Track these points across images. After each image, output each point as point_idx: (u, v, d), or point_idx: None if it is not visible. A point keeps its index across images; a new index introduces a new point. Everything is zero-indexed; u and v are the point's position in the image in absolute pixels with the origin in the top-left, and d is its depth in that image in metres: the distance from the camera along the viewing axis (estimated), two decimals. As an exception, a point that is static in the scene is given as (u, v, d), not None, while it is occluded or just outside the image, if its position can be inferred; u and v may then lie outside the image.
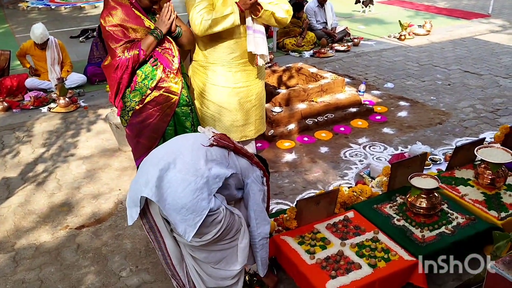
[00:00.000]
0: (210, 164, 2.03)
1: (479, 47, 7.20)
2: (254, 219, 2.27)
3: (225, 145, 2.16)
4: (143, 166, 2.08)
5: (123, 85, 2.60)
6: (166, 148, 2.14)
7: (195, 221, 1.92)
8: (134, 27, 2.54)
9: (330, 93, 4.80)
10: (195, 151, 2.05)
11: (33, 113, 5.13)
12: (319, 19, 7.64)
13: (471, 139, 4.15)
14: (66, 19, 10.78)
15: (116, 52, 2.52)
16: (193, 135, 2.27)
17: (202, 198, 1.94)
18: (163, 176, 1.95)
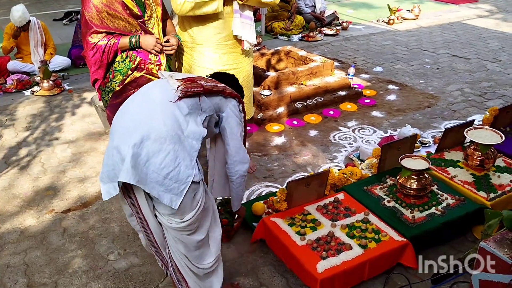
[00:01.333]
0: (184, 123, 1.89)
1: (467, 32, 7.20)
2: (232, 156, 2.18)
3: (194, 92, 1.95)
4: (114, 139, 1.88)
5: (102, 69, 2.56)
6: (133, 117, 1.90)
7: (180, 189, 1.82)
8: (115, 13, 2.48)
9: (319, 76, 4.76)
10: (165, 113, 1.87)
11: (16, 97, 5.00)
12: (307, 3, 7.56)
13: (460, 122, 4.16)
14: (49, 2, 10.51)
15: (88, 39, 2.51)
16: (157, 91, 1.98)
17: (185, 165, 1.83)
18: (138, 152, 1.78)
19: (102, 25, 2.47)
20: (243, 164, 2.20)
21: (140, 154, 1.78)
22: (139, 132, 1.80)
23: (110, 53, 2.51)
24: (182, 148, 1.84)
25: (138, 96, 2.01)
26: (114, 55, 2.56)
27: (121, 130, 1.88)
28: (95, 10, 2.45)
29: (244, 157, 2.21)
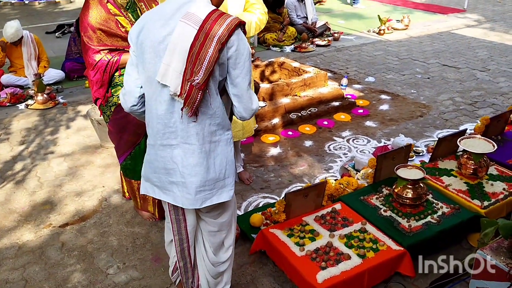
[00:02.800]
0: (203, 121, 1.80)
1: (456, 41, 7.33)
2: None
3: (200, 99, 1.73)
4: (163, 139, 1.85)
5: (104, 86, 2.58)
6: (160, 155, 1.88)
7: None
8: (109, 30, 2.51)
9: (313, 87, 4.82)
10: (186, 128, 1.79)
11: (10, 110, 4.99)
12: (299, 14, 7.65)
13: (452, 131, 4.23)
14: (41, 14, 10.51)
15: (89, 59, 2.53)
16: (159, 114, 1.82)
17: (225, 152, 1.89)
18: (184, 182, 1.84)
19: (100, 44, 2.50)
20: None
21: (187, 185, 1.85)
22: (171, 165, 1.87)
23: (112, 71, 2.54)
24: (213, 143, 1.87)
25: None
26: (115, 72, 2.58)
27: (159, 165, 1.92)
28: (90, 30, 2.48)
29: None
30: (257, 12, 3.03)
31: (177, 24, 1.69)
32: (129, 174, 2.85)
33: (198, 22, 1.67)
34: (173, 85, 1.70)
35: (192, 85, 1.68)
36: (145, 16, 1.82)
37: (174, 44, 1.68)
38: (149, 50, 1.74)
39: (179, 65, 1.69)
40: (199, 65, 1.66)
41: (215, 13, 1.70)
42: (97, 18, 2.46)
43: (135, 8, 2.63)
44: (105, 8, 2.49)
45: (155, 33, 1.73)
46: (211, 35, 1.65)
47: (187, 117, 1.75)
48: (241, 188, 3.40)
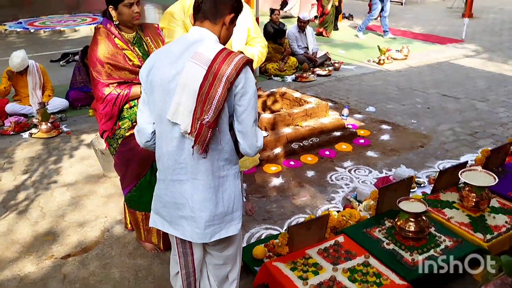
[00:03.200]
0: (213, 157, 1.85)
1: (455, 71, 7.44)
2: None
3: (210, 136, 1.79)
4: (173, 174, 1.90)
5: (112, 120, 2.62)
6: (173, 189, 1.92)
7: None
8: (118, 64, 2.57)
9: (315, 118, 4.87)
10: (198, 164, 1.84)
11: (14, 139, 5.03)
12: (300, 44, 7.80)
13: (453, 162, 4.26)
14: (46, 43, 10.69)
15: (98, 93, 2.57)
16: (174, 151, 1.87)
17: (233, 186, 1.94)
18: (194, 216, 1.88)
19: (109, 78, 2.55)
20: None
21: (196, 219, 1.89)
22: (183, 200, 1.92)
23: (121, 104, 2.58)
24: (221, 182, 1.92)
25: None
26: (125, 104, 2.63)
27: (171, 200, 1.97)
28: (99, 64, 2.53)
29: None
30: (258, 46, 3.12)
31: (186, 63, 1.75)
32: (134, 205, 2.87)
33: (206, 62, 1.73)
34: (183, 123, 1.76)
35: (203, 124, 1.73)
36: (154, 55, 1.88)
37: (184, 84, 1.74)
38: (159, 88, 1.80)
39: (189, 104, 1.74)
40: (209, 104, 1.72)
41: (223, 53, 1.76)
42: (105, 53, 2.52)
43: (141, 43, 2.70)
44: (112, 42, 2.55)
45: (165, 72, 1.79)
46: (220, 75, 1.71)
47: (197, 153, 1.80)
48: (243, 219, 3.35)
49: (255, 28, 3.13)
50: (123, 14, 2.53)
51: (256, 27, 3.15)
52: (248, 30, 3.08)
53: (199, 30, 1.83)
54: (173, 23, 2.85)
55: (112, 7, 2.52)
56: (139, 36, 2.69)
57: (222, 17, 1.84)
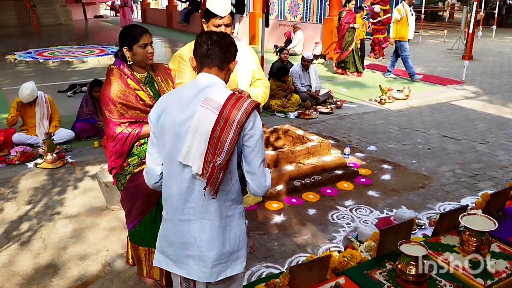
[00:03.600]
0: (221, 198, 1.92)
1: (455, 113, 7.55)
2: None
3: (222, 178, 1.87)
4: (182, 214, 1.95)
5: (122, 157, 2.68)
6: (179, 232, 1.97)
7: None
8: (129, 104, 2.65)
9: (317, 155, 4.94)
10: (207, 213, 1.91)
11: (19, 169, 5.09)
12: (303, 82, 7.96)
13: (453, 204, 4.30)
14: (54, 73, 10.92)
15: (109, 132, 2.64)
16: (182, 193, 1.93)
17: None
18: (201, 256, 1.93)
19: (121, 117, 2.63)
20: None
21: (205, 259, 1.94)
22: (191, 240, 1.97)
23: (132, 143, 2.65)
24: (228, 221, 1.99)
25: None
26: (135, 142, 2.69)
27: (177, 239, 2.01)
28: (111, 104, 2.62)
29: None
30: (261, 86, 3.23)
31: (197, 108, 1.84)
32: (137, 240, 2.89)
33: (217, 107, 1.83)
34: (195, 166, 1.84)
35: (215, 166, 1.81)
36: (165, 100, 1.96)
37: (195, 128, 1.83)
38: (170, 132, 1.88)
39: (200, 147, 1.82)
40: (221, 148, 1.80)
41: (233, 98, 1.86)
42: (117, 93, 2.61)
43: (152, 83, 2.80)
44: (125, 83, 2.65)
45: (176, 117, 1.87)
46: (231, 119, 1.81)
47: (209, 194, 1.87)
48: (244, 257, 3.40)
49: (259, 70, 3.26)
50: (138, 55, 2.63)
51: (260, 69, 3.28)
52: (253, 72, 3.20)
53: (208, 76, 1.94)
54: (182, 65, 2.96)
55: (126, 48, 2.63)
56: (150, 76, 2.79)
57: (228, 64, 1.97)
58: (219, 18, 2.84)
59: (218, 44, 1.93)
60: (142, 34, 2.62)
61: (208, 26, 2.91)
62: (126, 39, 2.64)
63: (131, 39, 2.62)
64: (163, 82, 2.83)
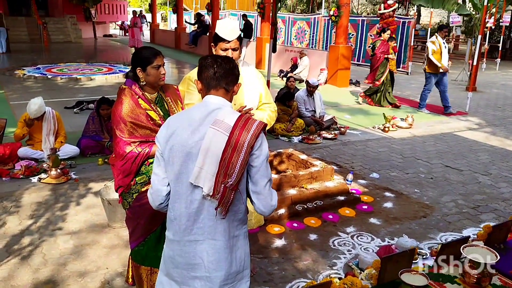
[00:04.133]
0: (230, 221, 1.99)
1: (458, 143, 7.58)
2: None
3: (233, 198, 1.92)
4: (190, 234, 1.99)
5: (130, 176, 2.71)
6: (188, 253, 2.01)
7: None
8: (140, 123, 2.69)
9: (320, 181, 4.96)
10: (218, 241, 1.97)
11: (23, 183, 5.12)
12: (308, 107, 8.04)
13: (455, 235, 4.29)
14: (62, 89, 11.05)
15: (119, 150, 2.68)
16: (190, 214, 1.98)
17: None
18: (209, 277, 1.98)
19: (131, 136, 2.67)
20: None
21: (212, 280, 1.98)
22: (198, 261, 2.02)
23: (141, 162, 2.68)
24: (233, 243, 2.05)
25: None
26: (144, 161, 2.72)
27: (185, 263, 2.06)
28: (122, 123, 2.66)
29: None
30: (268, 110, 3.28)
31: (207, 130, 1.89)
32: (139, 260, 2.89)
33: (227, 129, 1.88)
34: (206, 187, 1.88)
35: (226, 187, 1.86)
36: (174, 122, 2.01)
37: (206, 149, 1.87)
38: (180, 154, 1.92)
39: (211, 168, 1.87)
40: (232, 169, 1.85)
41: (242, 120, 1.92)
42: (128, 112, 2.66)
43: (162, 103, 2.85)
44: (136, 102, 2.70)
45: (186, 139, 1.92)
46: (241, 141, 1.87)
47: (220, 214, 1.92)
48: (244, 280, 3.39)
49: (267, 94, 3.31)
50: (151, 75, 2.69)
51: (268, 93, 3.33)
52: (260, 95, 3.26)
53: (216, 98, 2.01)
54: (191, 86, 3.02)
55: (140, 69, 2.69)
56: (160, 97, 2.85)
57: (233, 86, 2.06)
58: (226, 42, 2.93)
59: (224, 67, 2.01)
60: (156, 56, 2.70)
61: (216, 50, 2.99)
62: (140, 60, 2.70)
63: (145, 60, 2.68)
64: (173, 102, 2.89)
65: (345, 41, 12.65)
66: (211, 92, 2.02)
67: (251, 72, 3.28)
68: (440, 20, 31.77)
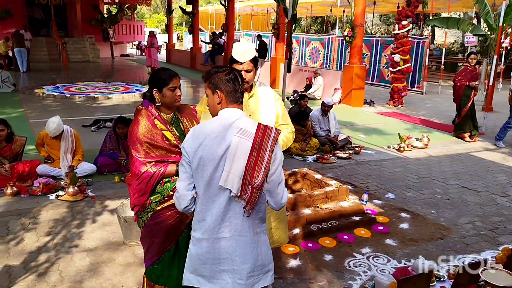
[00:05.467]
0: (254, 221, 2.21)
1: (475, 164, 7.50)
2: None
3: (258, 197, 2.17)
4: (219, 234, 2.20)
5: (146, 195, 2.75)
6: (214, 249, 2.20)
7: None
8: (155, 143, 2.73)
9: (335, 201, 4.94)
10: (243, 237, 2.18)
11: (41, 200, 5.20)
12: (322, 127, 8.05)
13: (473, 257, 4.21)
14: (80, 108, 11.25)
15: (138, 166, 2.72)
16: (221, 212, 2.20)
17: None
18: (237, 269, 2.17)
19: (146, 156, 2.71)
20: None
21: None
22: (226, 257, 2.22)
23: (156, 182, 2.72)
24: (257, 239, 2.28)
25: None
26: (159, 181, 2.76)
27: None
28: (138, 143, 2.70)
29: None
30: (285, 131, 3.29)
31: (232, 138, 2.11)
32: (154, 278, 2.90)
33: (250, 136, 2.14)
34: (234, 188, 2.11)
35: (254, 187, 2.10)
36: (201, 133, 2.20)
37: (233, 155, 2.10)
38: (211, 163, 2.14)
39: (238, 171, 2.11)
40: (258, 170, 2.10)
41: (261, 127, 2.19)
42: (144, 133, 2.71)
43: (178, 123, 2.90)
44: (152, 123, 2.75)
45: (215, 148, 2.14)
46: (264, 145, 2.13)
47: (243, 213, 2.16)
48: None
49: (284, 115, 3.33)
50: (167, 97, 2.75)
51: (285, 114, 3.36)
52: (277, 116, 3.29)
53: (234, 110, 2.24)
54: None
55: (156, 90, 2.75)
56: (176, 117, 2.90)
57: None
58: (239, 64, 3.00)
59: (240, 83, 2.30)
60: (172, 78, 2.76)
61: None
62: (156, 82, 2.77)
63: (161, 82, 2.75)
64: (188, 122, 2.94)
65: (359, 61, 12.71)
66: (233, 105, 2.25)
67: (268, 93, 3.32)
68: (455, 40, 31.72)
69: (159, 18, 47.97)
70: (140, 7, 35.14)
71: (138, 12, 44.35)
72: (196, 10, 22.56)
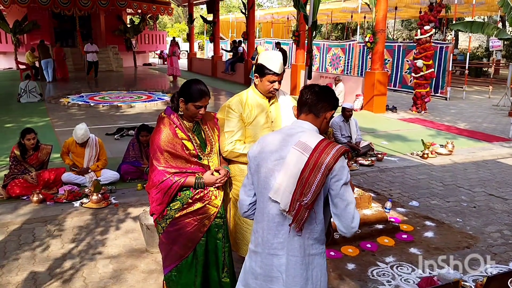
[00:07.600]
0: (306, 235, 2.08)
1: (502, 171, 7.31)
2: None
3: (307, 216, 2.02)
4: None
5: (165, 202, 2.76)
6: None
7: None
8: (175, 152, 2.75)
9: (357, 208, 4.85)
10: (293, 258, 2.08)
11: (66, 207, 5.29)
12: (343, 133, 7.98)
13: (501, 267, 4.10)
14: (103, 116, 11.44)
15: (157, 175, 2.74)
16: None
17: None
18: None
19: (166, 165, 2.72)
20: None
21: None
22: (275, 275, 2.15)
23: (173, 193, 2.73)
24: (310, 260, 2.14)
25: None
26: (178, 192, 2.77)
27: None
28: (159, 152, 2.73)
29: None
30: None
31: (290, 150, 2.02)
32: (172, 285, 2.91)
33: (308, 150, 2.01)
34: (283, 202, 2.00)
35: (301, 205, 1.96)
36: (264, 140, 2.18)
37: (287, 168, 2.00)
38: (265, 170, 2.09)
39: (289, 186, 1.99)
40: (308, 188, 1.96)
41: (323, 143, 2.04)
42: (165, 141, 2.73)
43: (200, 131, 2.91)
44: (173, 132, 2.77)
45: (271, 157, 2.08)
46: (320, 162, 1.97)
47: (294, 231, 2.02)
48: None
49: None
50: (189, 111, 2.77)
51: None
52: None
53: (303, 122, 2.16)
54: (230, 114, 3.08)
55: (183, 100, 2.76)
56: (198, 125, 2.92)
57: (324, 112, 2.18)
58: (276, 75, 2.98)
59: (317, 94, 2.16)
60: (202, 97, 2.76)
61: (262, 81, 3.05)
62: (186, 93, 2.76)
63: (190, 96, 2.74)
64: (210, 130, 2.95)
65: (381, 67, 12.58)
66: (301, 116, 2.18)
67: (288, 101, 3.32)
68: (479, 45, 31.16)
69: (181, 28, 48.61)
70: (162, 17, 35.63)
71: (160, 22, 45.08)
72: (217, 19, 22.76)
